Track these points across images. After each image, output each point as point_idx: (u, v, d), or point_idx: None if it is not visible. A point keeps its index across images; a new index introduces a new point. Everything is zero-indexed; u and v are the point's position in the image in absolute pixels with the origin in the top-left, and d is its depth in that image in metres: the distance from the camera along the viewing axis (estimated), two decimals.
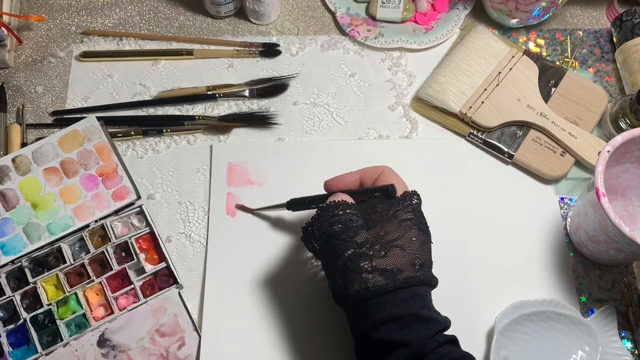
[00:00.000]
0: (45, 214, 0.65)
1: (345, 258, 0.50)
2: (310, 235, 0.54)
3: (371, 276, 0.49)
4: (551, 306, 0.61)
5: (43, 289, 0.62)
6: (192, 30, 0.79)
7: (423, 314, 0.49)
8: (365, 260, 0.49)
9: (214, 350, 0.60)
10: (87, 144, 0.69)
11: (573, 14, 0.80)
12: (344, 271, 0.50)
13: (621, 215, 0.66)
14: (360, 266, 0.49)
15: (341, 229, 0.51)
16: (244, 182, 0.68)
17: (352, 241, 0.50)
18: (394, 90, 0.74)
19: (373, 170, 0.56)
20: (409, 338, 0.47)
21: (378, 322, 0.48)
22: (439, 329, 0.49)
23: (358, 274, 0.49)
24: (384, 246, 0.50)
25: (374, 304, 0.49)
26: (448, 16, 0.78)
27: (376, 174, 0.56)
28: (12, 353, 0.60)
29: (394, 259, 0.50)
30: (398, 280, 0.49)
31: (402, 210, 0.52)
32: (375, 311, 0.49)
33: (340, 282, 0.51)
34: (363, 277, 0.49)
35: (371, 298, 0.49)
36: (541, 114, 0.69)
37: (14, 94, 0.74)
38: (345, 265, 0.50)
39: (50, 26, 0.79)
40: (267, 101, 0.74)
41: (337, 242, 0.50)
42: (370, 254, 0.50)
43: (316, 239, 0.53)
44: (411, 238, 0.51)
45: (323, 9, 0.80)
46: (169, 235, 0.66)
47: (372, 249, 0.50)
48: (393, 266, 0.49)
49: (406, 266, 0.50)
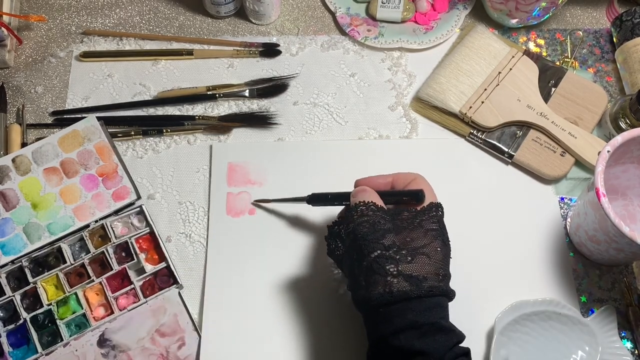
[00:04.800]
0: (45, 214, 0.65)
1: (371, 259, 0.49)
2: (335, 235, 0.53)
3: (396, 280, 0.48)
4: (551, 306, 0.61)
5: (43, 289, 0.62)
6: (192, 30, 0.79)
7: (443, 325, 0.48)
8: (391, 264, 0.49)
9: (214, 350, 0.60)
10: (87, 144, 0.69)
11: (573, 14, 0.80)
12: (368, 272, 0.49)
13: (621, 215, 0.66)
14: (385, 269, 0.48)
15: (369, 230, 0.50)
16: (244, 182, 0.68)
17: (379, 243, 0.49)
18: (394, 90, 0.74)
19: (405, 176, 0.56)
20: (429, 348, 0.47)
21: (398, 329, 0.48)
22: (457, 341, 0.49)
23: (383, 276, 0.48)
24: (411, 252, 0.49)
25: (395, 309, 0.48)
26: (448, 16, 0.78)
27: (408, 180, 0.55)
28: (12, 353, 0.60)
29: (420, 266, 0.49)
30: (423, 287, 0.48)
31: (427, 220, 0.52)
32: (396, 317, 0.48)
33: (363, 284, 0.50)
34: (388, 280, 0.48)
35: (394, 303, 0.48)
36: (541, 114, 0.69)
37: (14, 94, 0.74)
38: (370, 267, 0.49)
39: (50, 26, 0.79)
40: (267, 101, 0.74)
41: (364, 243, 0.50)
42: (396, 258, 0.49)
43: (341, 239, 0.53)
44: (436, 248, 0.50)
45: (323, 9, 0.80)
46: (169, 235, 0.66)
47: (398, 253, 0.49)
48: (418, 273, 0.49)
49: (431, 275, 0.49)
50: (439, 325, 0.48)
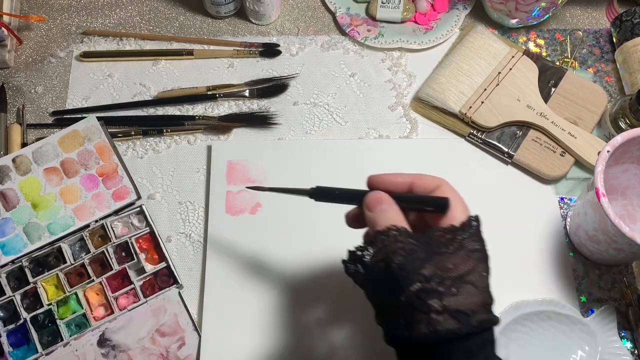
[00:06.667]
0: (45, 214, 0.65)
1: (411, 294, 0.42)
2: (357, 259, 0.46)
3: (442, 318, 0.41)
4: (551, 306, 0.61)
5: (43, 289, 0.62)
6: (192, 30, 0.79)
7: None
8: (434, 298, 0.41)
9: (214, 350, 0.60)
10: (87, 144, 0.69)
11: (573, 14, 0.80)
12: (408, 309, 0.42)
13: (621, 215, 0.66)
14: (428, 305, 0.41)
15: (405, 258, 0.42)
16: (244, 180, 0.68)
17: (418, 273, 0.42)
18: (394, 90, 0.74)
19: (430, 180, 0.48)
20: None
21: None
22: None
23: (426, 313, 0.41)
24: (455, 282, 0.42)
25: (442, 350, 0.42)
26: (448, 16, 0.78)
27: (432, 185, 0.47)
28: (12, 353, 0.60)
29: (467, 298, 0.42)
30: (472, 324, 0.41)
31: (469, 238, 0.45)
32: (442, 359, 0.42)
33: (402, 322, 0.43)
34: (432, 318, 0.41)
35: (440, 344, 0.41)
36: (541, 114, 0.69)
37: (14, 94, 0.74)
38: (410, 303, 0.42)
39: (50, 26, 0.79)
40: (267, 101, 0.74)
41: (402, 274, 0.42)
42: (440, 291, 0.42)
43: (365, 266, 0.45)
44: (482, 273, 0.44)
45: (323, 9, 0.80)
46: (169, 235, 0.66)
47: (442, 285, 0.42)
48: (466, 307, 0.42)
49: (479, 307, 0.42)
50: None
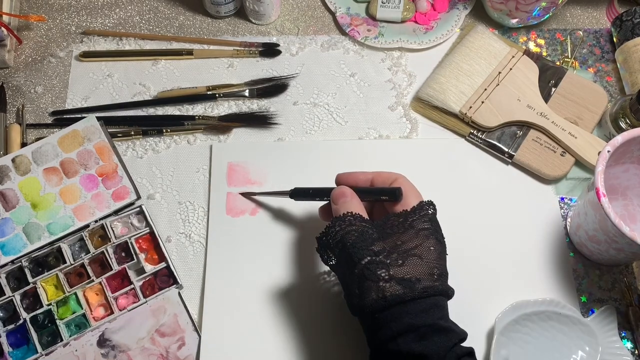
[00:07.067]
0: (45, 214, 0.65)
1: (362, 266, 0.48)
2: (325, 246, 0.53)
3: (388, 285, 0.48)
4: (551, 306, 0.61)
5: (43, 289, 0.62)
6: (192, 30, 0.79)
7: (442, 325, 0.48)
8: (382, 269, 0.48)
9: (214, 350, 0.60)
10: (87, 144, 0.69)
11: (573, 14, 0.80)
12: (360, 280, 0.49)
13: (621, 215, 0.66)
14: (377, 274, 0.48)
15: (357, 237, 0.50)
16: (244, 181, 0.68)
17: (368, 249, 0.49)
18: (394, 90, 0.74)
19: (388, 175, 0.55)
20: (428, 350, 0.46)
21: (395, 334, 0.47)
22: (457, 340, 0.48)
23: (375, 282, 0.48)
24: (402, 255, 0.49)
25: (391, 314, 0.48)
26: (448, 16, 0.78)
27: (390, 180, 0.55)
28: (12, 353, 0.60)
29: (412, 268, 0.48)
30: (416, 289, 0.48)
31: (418, 219, 0.51)
32: (392, 322, 0.47)
33: (357, 292, 0.49)
34: (380, 285, 0.48)
35: (388, 308, 0.48)
36: (541, 113, 0.69)
37: (14, 94, 0.74)
38: (361, 274, 0.48)
39: (50, 26, 0.79)
40: (267, 101, 0.74)
41: (354, 250, 0.49)
42: (387, 262, 0.48)
43: (331, 249, 0.52)
44: (429, 247, 0.50)
45: (323, 9, 0.80)
46: (169, 235, 0.66)
47: (389, 257, 0.49)
48: (411, 275, 0.48)
49: (424, 276, 0.49)
50: (437, 326, 0.47)
